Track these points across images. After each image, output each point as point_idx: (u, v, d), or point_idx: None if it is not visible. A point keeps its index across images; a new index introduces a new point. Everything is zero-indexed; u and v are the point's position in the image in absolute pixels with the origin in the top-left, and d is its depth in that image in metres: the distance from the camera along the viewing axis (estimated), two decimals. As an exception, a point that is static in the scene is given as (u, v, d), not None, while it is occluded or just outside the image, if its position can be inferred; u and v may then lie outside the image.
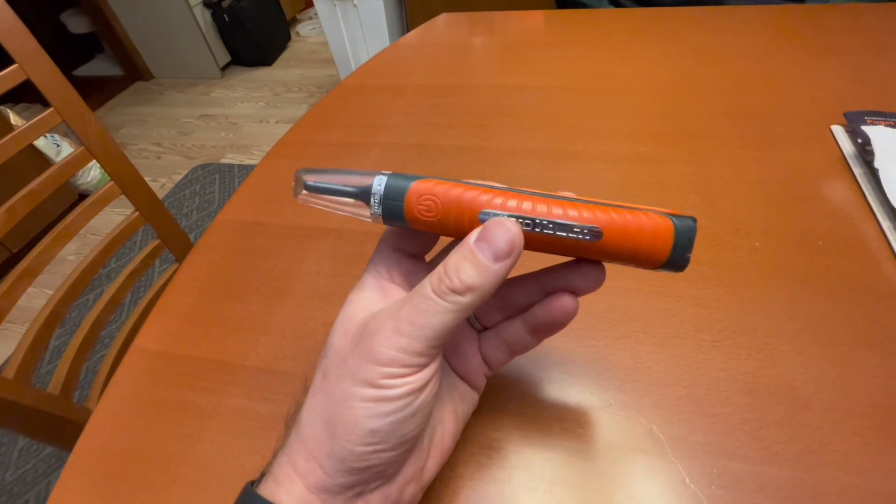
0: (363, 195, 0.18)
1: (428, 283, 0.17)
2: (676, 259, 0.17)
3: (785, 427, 0.24)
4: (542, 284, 0.20)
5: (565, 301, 0.19)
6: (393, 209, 0.17)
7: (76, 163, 0.55)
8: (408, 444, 0.17)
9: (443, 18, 0.74)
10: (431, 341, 0.16)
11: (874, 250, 0.32)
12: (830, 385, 0.26)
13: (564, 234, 0.17)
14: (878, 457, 0.23)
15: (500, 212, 0.17)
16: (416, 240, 0.20)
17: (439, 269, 0.17)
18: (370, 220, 0.18)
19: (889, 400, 0.25)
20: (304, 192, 0.18)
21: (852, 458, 0.23)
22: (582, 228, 0.17)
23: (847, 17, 0.60)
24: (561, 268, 0.20)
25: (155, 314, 0.34)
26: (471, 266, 0.16)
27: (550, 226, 0.17)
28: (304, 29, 2.60)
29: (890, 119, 0.40)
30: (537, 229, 0.17)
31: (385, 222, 0.18)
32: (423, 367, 0.17)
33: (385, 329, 0.16)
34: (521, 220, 0.17)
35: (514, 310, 0.21)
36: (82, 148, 0.55)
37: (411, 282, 0.20)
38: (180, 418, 0.28)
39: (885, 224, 0.33)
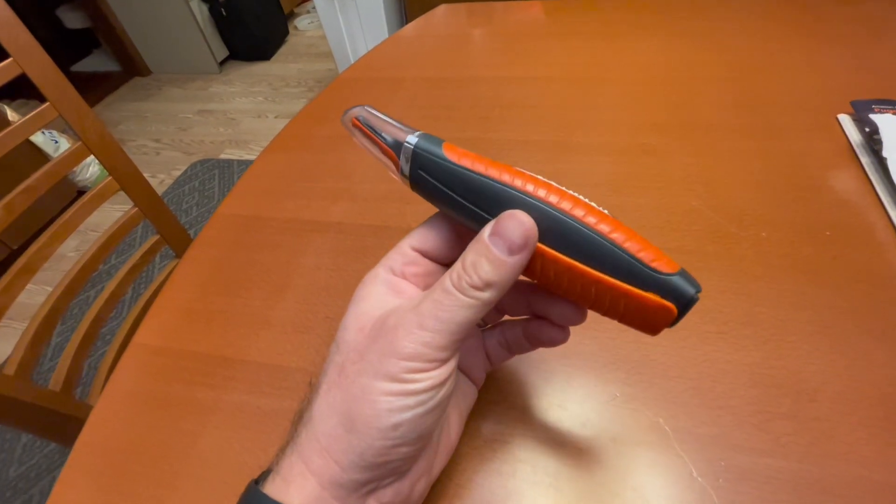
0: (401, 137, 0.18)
1: (448, 279, 0.17)
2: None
3: (792, 419, 0.24)
4: (529, 302, 0.21)
5: (553, 332, 0.20)
6: (430, 139, 0.18)
7: (73, 158, 0.54)
8: (425, 440, 0.18)
9: (442, 10, 0.73)
10: (454, 335, 0.16)
11: (882, 240, 0.31)
12: (837, 377, 0.25)
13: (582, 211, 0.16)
14: (885, 448, 0.23)
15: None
16: (437, 241, 0.19)
17: (458, 264, 0.17)
18: (402, 158, 0.18)
19: (897, 391, 0.24)
20: (353, 118, 0.19)
21: (859, 450, 0.23)
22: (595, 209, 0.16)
23: (849, 6, 0.59)
24: (546, 296, 0.20)
25: (154, 309, 0.34)
26: (487, 262, 0.16)
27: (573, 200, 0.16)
28: (302, 23, 2.58)
29: (897, 107, 0.39)
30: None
31: (417, 149, 0.18)
32: (445, 361, 0.17)
33: (407, 324, 0.16)
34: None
35: (510, 313, 0.22)
36: (79, 143, 0.54)
37: (426, 282, 0.20)
38: (181, 414, 0.28)
39: (894, 214, 0.33)
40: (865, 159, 0.37)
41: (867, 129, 0.38)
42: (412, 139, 0.18)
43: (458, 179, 0.17)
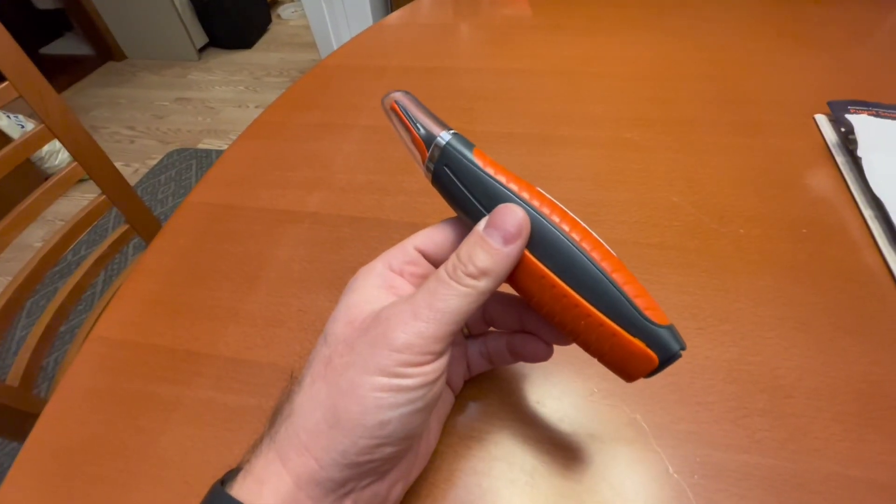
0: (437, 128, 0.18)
1: (443, 270, 0.17)
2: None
3: (768, 415, 0.24)
4: (522, 317, 0.21)
5: (538, 347, 0.21)
6: (462, 140, 0.18)
7: (35, 141, 0.51)
8: (410, 441, 0.17)
9: (427, -1, 0.72)
10: (449, 326, 0.16)
11: (856, 238, 0.32)
12: (813, 372, 0.25)
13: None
14: (859, 444, 0.23)
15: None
16: (442, 245, 0.19)
17: (452, 257, 0.17)
18: (431, 152, 0.18)
19: (870, 387, 0.25)
20: (394, 101, 0.19)
21: (834, 446, 0.23)
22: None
23: (830, 8, 0.60)
24: (538, 317, 0.20)
25: (116, 301, 0.32)
26: (482, 251, 0.16)
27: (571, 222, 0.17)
28: (285, 11, 2.52)
29: (873, 108, 0.40)
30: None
31: (449, 146, 0.18)
32: (438, 355, 0.16)
33: (402, 314, 0.16)
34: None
35: (499, 326, 0.23)
36: (42, 125, 0.51)
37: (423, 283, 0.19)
38: (141, 411, 0.26)
39: (867, 212, 0.33)
40: (841, 158, 0.37)
41: (843, 130, 0.38)
42: (446, 136, 0.18)
43: (479, 184, 0.17)
